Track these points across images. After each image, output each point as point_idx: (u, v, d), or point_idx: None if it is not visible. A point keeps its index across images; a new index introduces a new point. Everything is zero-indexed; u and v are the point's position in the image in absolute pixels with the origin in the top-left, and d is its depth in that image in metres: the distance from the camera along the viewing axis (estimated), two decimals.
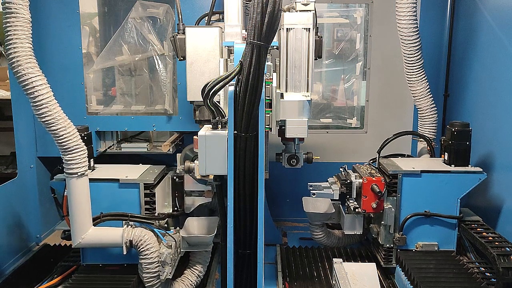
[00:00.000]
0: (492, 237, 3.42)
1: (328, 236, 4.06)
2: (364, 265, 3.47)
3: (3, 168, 5.51)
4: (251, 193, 2.89)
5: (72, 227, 3.21)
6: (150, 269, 3.26)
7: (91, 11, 4.63)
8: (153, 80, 4.61)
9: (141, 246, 3.25)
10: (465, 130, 3.66)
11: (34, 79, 2.93)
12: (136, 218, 3.38)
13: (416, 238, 3.67)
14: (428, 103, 4.06)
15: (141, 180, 3.43)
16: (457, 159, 3.66)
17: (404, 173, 3.60)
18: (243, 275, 3.08)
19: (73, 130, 3.09)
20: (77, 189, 3.15)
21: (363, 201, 3.60)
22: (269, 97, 3.05)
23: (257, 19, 2.52)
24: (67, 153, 3.07)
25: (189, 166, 3.66)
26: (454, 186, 3.60)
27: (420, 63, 3.97)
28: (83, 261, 3.54)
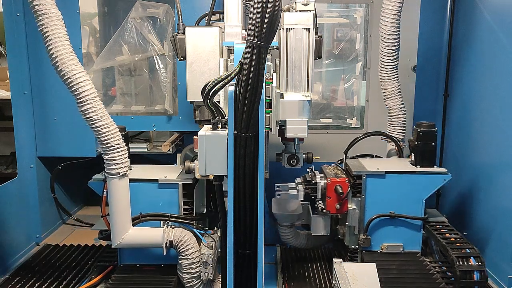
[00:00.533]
0: (455, 239, 3.44)
1: (296, 237, 4.04)
2: (364, 265, 3.46)
3: (3, 168, 5.51)
4: (251, 193, 2.89)
5: (112, 227, 3.22)
6: (191, 270, 3.28)
7: (91, 11, 4.64)
8: (153, 80, 4.61)
9: (181, 246, 3.26)
10: (431, 131, 3.66)
11: (78, 75, 2.94)
12: (175, 219, 3.38)
13: (381, 239, 3.67)
14: (397, 103, 4.07)
15: (180, 180, 3.44)
16: (423, 160, 3.66)
17: (368, 174, 3.59)
18: (243, 275, 3.07)
19: (115, 129, 3.08)
20: (118, 189, 3.15)
21: (327, 202, 3.58)
22: (269, 97, 3.05)
23: (257, 19, 2.51)
24: (109, 152, 3.06)
25: (189, 166, 3.66)
26: (418, 187, 3.59)
27: (395, 63, 3.98)
28: (121, 261, 3.56)
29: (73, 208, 5.20)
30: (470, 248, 3.30)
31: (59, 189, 4.86)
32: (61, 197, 4.90)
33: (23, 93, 4.20)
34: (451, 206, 4.61)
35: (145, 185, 3.43)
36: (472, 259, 3.20)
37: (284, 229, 3.96)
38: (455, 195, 4.51)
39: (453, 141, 4.58)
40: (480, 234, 3.99)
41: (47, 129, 4.34)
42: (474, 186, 4.10)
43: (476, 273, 3.16)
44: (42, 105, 4.30)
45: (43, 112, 4.31)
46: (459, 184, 4.39)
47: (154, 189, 3.44)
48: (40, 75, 4.25)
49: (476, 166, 4.07)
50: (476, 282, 3.16)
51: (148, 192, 3.44)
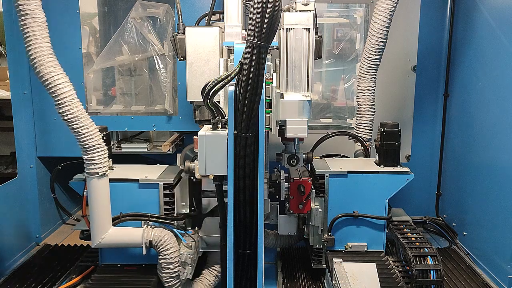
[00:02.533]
0: (415, 238, 3.45)
1: (265, 237, 4.02)
2: (364, 265, 3.46)
3: (3, 168, 5.51)
4: (251, 193, 2.89)
5: (92, 227, 3.23)
6: (170, 269, 3.28)
7: (91, 11, 4.64)
8: (153, 80, 4.61)
9: (161, 246, 3.26)
10: (394, 131, 3.67)
11: (56, 77, 2.98)
12: (156, 219, 3.39)
13: (345, 239, 3.67)
14: (369, 102, 4.07)
15: (160, 180, 3.44)
16: (386, 159, 3.66)
17: (330, 173, 3.60)
18: (243, 275, 3.08)
19: (94, 129, 3.11)
20: (98, 189, 3.17)
21: (291, 202, 3.58)
22: (269, 97, 3.05)
23: (257, 19, 2.51)
24: (88, 153, 3.08)
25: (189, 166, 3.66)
26: (381, 187, 3.59)
27: (377, 63, 3.97)
28: (102, 261, 3.55)
29: (73, 208, 5.20)
30: (428, 248, 3.31)
31: (59, 189, 4.86)
32: (61, 197, 4.90)
33: (23, 93, 4.21)
34: (451, 206, 4.61)
35: (126, 185, 3.42)
36: (429, 258, 3.21)
37: None
38: (455, 195, 4.52)
39: (453, 141, 4.58)
40: (480, 234, 3.99)
41: (47, 129, 4.34)
42: (474, 186, 4.10)
43: (432, 272, 3.17)
44: (42, 105, 4.30)
45: (43, 112, 4.31)
46: (459, 184, 4.39)
47: (134, 189, 3.43)
48: None
49: (476, 166, 4.07)
50: (433, 281, 3.17)
51: (129, 192, 3.43)
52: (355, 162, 3.91)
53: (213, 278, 3.64)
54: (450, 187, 4.62)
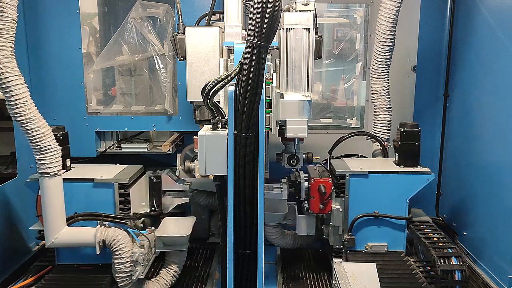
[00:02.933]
0: (437, 238, 3.44)
1: (283, 237, 4.04)
2: (364, 265, 3.46)
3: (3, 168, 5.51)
4: (251, 193, 2.89)
5: (45, 227, 3.23)
6: (123, 269, 3.28)
7: (91, 11, 4.63)
8: (153, 80, 4.61)
9: (114, 246, 3.27)
10: (414, 131, 3.67)
11: (11, 78, 2.95)
12: (109, 218, 3.39)
13: (366, 239, 3.66)
14: (385, 102, 4.06)
15: (115, 180, 3.44)
16: (406, 159, 3.66)
17: (351, 173, 3.60)
18: (243, 275, 3.08)
19: (47, 131, 3.12)
20: (50, 189, 3.17)
21: (311, 202, 3.59)
22: (269, 97, 3.06)
23: (257, 19, 2.52)
24: (40, 153, 3.10)
25: (189, 166, 3.66)
26: (402, 187, 3.59)
27: (388, 63, 3.98)
28: (58, 261, 3.55)
29: None
30: (452, 248, 3.30)
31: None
32: None
33: None
34: (451, 206, 4.61)
35: (81, 185, 3.43)
36: (453, 259, 3.20)
37: (270, 229, 3.96)
38: (455, 195, 4.51)
39: (453, 141, 4.58)
40: (480, 234, 3.99)
41: None
42: (474, 186, 4.10)
43: (457, 272, 3.16)
44: (42, 105, 4.27)
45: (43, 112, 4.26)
46: (459, 184, 4.39)
47: (90, 189, 3.43)
48: (40, 75, 4.25)
49: (476, 166, 4.07)
50: (458, 282, 3.16)
51: (84, 191, 3.44)
52: (374, 162, 3.89)
53: (170, 278, 3.62)
54: (450, 187, 4.61)
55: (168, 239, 3.48)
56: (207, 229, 4.72)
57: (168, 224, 3.65)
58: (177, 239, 3.48)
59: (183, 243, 3.52)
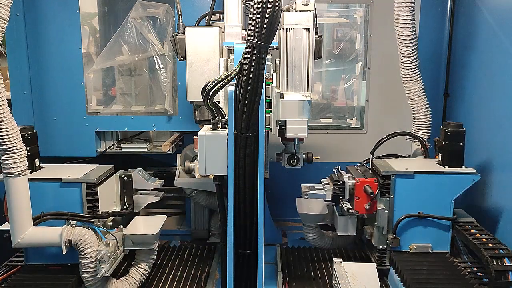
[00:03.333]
0: (486, 239, 3.40)
1: (322, 238, 4.04)
2: (364, 265, 3.46)
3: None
4: (251, 193, 2.89)
5: (11, 226, 3.22)
6: (89, 268, 3.23)
7: (91, 11, 4.63)
8: (153, 80, 4.61)
9: (80, 245, 3.23)
10: (459, 131, 3.64)
11: None
12: (76, 217, 3.37)
13: (410, 240, 3.65)
14: (422, 103, 4.04)
15: (82, 179, 3.44)
16: (451, 160, 3.64)
17: (397, 174, 3.58)
18: (243, 275, 3.08)
19: (15, 132, 3.07)
20: (14, 188, 3.14)
21: (356, 202, 3.57)
22: (269, 97, 3.06)
23: (257, 19, 2.52)
24: (5, 153, 3.07)
25: (189, 166, 3.66)
26: (447, 187, 3.57)
27: (416, 63, 3.95)
28: (27, 261, 3.55)
29: None
30: (504, 249, 3.24)
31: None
32: None
33: (23, 93, 4.20)
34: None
35: (48, 184, 3.43)
36: (506, 260, 3.14)
37: (309, 230, 3.96)
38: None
39: None
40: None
41: (47, 129, 4.33)
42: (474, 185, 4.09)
43: (511, 273, 3.09)
44: (42, 105, 4.29)
45: (43, 112, 4.31)
46: None
47: (57, 189, 3.43)
48: (40, 75, 4.25)
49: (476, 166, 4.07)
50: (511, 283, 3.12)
51: (52, 191, 3.43)
52: (417, 163, 3.87)
53: (139, 277, 3.57)
54: None
55: (136, 237, 3.46)
56: (207, 229, 4.73)
57: (138, 223, 3.65)
58: (145, 237, 3.46)
59: (151, 242, 3.51)
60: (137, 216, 3.77)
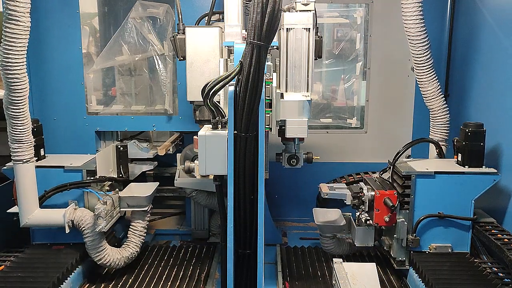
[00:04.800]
0: (508, 239, 3.38)
1: (339, 245, 4.01)
2: (364, 265, 3.46)
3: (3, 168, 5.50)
4: (251, 193, 2.89)
5: (19, 208, 3.54)
6: (95, 245, 3.61)
7: (91, 11, 4.63)
8: (153, 80, 4.61)
9: (82, 225, 3.55)
10: (479, 131, 3.61)
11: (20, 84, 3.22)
12: (74, 185, 3.72)
13: (430, 240, 3.65)
14: (440, 103, 3.99)
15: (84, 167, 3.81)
16: (471, 160, 3.61)
17: (417, 174, 3.57)
18: (243, 275, 3.08)
19: (28, 126, 3.40)
20: (22, 174, 3.46)
21: (376, 214, 3.55)
22: (269, 97, 3.06)
23: (257, 19, 2.52)
24: (15, 143, 3.39)
25: (189, 166, 3.66)
26: (468, 187, 3.56)
27: (430, 62, 3.88)
28: (33, 240, 3.87)
29: None
30: None
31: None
32: None
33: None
34: None
35: (53, 171, 3.78)
36: None
37: (326, 240, 3.95)
38: None
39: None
40: None
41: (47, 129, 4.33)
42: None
43: None
44: (42, 105, 4.30)
45: (43, 112, 4.31)
46: None
47: (61, 174, 3.77)
48: (40, 75, 4.25)
49: None
50: None
51: (56, 176, 3.76)
52: (437, 163, 3.84)
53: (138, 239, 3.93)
54: None
55: (130, 199, 3.84)
56: (207, 229, 4.73)
57: (132, 188, 4.05)
58: (138, 199, 3.83)
59: (144, 204, 3.86)
60: (132, 183, 4.12)
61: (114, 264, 3.75)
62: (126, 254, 3.83)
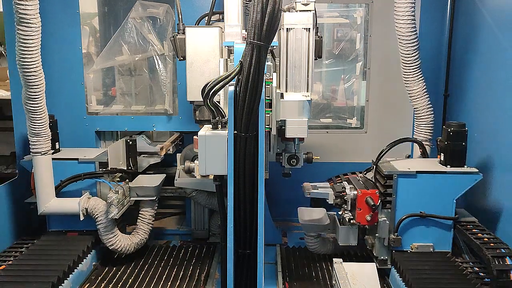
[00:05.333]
0: (488, 239, 3.41)
1: (323, 245, 4.03)
2: (364, 265, 3.46)
3: (3, 168, 5.51)
4: (251, 193, 2.89)
5: (37, 197, 3.77)
6: (107, 231, 3.84)
7: (91, 11, 4.64)
8: (153, 80, 4.61)
9: (95, 213, 3.79)
10: (461, 131, 3.64)
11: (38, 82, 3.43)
12: (88, 175, 3.93)
13: (412, 239, 3.66)
14: (424, 103, 4.03)
15: (96, 159, 4.00)
16: (453, 159, 3.64)
17: (399, 173, 3.58)
18: (243, 275, 3.08)
19: (45, 121, 3.63)
20: (40, 165, 3.69)
21: (358, 214, 3.57)
22: (269, 97, 3.06)
23: (257, 19, 2.52)
24: (34, 136, 3.62)
25: (189, 166, 3.67)
26: (449, 187, 3.58)
27: (418, 63, 3.94)
28: (49, 227, 4.06)
29: None
30: (505, 248, 3.26)
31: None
32: None
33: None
34: None
35: (68, 162, 3.98)
36: (508, 259, 3.15)
37: (311, 239, 3.96)
38: None
39: None
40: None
41: None
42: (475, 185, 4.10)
43: None
44: None
45: None
46: None
47: (75, 165, 3.96)
48: None
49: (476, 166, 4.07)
50: None
51: (71, 168, 3.95)
52: (420, 163, 3.86)
53: (146, 226, 4.16)
54: None
55: (139, 188, 4.06)
56: (207, 229, 4.73)
57: (141, 179, 4.25)
58: (147, 189, 4.06)
59: (152, 194, 4.09)
60: (140, 175, 4.32)
61: (124, 250, 3.99)
62: (136, 240, 4.08)
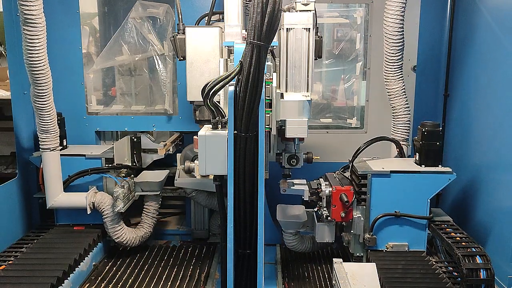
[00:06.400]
0: (460, 238, 3.44)
1: (302, 242, 4.03)
2: (364, 265, 3.45)
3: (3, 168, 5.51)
4: (251, 193, 2.89)
5: (46, 192, 3.91)
6: (113, 224, 3.99)
7: (91, 11, 4.64)
8: (153, 80, 4.61)
9: (102, 207, 3.93)
10: (435, 131, 3.66)
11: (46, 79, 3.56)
12: (95, 170, 4.07)
13: (387, 239, 3.67)
14: (402, 102, 4.05)
15: (102, 155, 4.14)
16: (427, 159, 3.66)
17: (373, 173, 3.59)
18: (243, 275, 3.08)
19: (54, 117, 3.77)
20: (49, 160, 3.83)
21: (333, 210, 3.59)
22: (269, 97, 3.06)
23: (257, 19, 2.52)
24: (43, 133, 3.76)
25: (189, 166, 3.67)
26: (423, 187, 3.60)
27: (400, 63, 3.96)
28: (57, 221, 4.20)
29: None
30: (476, 247, 3.29)
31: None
32: None
33: (23, 93, 4.20)
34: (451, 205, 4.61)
35: (76, 158, 4.11)
36: (478, 258, 3.20)
37: (289, 236, 3.96)
38: (455, 195, 4.51)
39: (453, 140, 4.58)
40: (479, 234, 3.98)
41: None
42: (474, 185, 4.10)
43: (482, 271, 3.15)
44: None
45: None
46: (459, 184, 4.39)
47: (83, 161, 4.10)
48: None
49: (475, 166, 4.07)
50: (483, 280, 3.15)
51: (78, 163, 4.09)
52: (395, 162, 3.88)
53: (151, 220, 4.29)
54: (450, 187, 4.61)
55: (144, 183, 4.20)
56: (207, 229, 4.73)
57: (145, 174, 4.37)
58: (150, 183, 4.18)
59: (156, 188, 4.21)
60: (145, 171, 4.45)
61: (130, 242, 4.12)
62: (141, 233, 4.21)
